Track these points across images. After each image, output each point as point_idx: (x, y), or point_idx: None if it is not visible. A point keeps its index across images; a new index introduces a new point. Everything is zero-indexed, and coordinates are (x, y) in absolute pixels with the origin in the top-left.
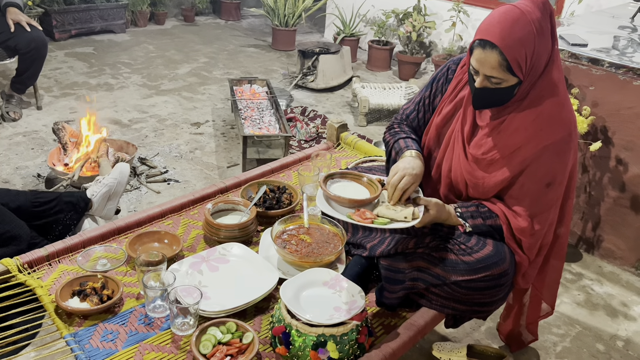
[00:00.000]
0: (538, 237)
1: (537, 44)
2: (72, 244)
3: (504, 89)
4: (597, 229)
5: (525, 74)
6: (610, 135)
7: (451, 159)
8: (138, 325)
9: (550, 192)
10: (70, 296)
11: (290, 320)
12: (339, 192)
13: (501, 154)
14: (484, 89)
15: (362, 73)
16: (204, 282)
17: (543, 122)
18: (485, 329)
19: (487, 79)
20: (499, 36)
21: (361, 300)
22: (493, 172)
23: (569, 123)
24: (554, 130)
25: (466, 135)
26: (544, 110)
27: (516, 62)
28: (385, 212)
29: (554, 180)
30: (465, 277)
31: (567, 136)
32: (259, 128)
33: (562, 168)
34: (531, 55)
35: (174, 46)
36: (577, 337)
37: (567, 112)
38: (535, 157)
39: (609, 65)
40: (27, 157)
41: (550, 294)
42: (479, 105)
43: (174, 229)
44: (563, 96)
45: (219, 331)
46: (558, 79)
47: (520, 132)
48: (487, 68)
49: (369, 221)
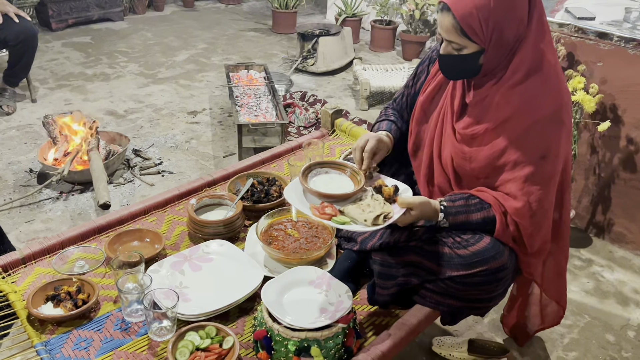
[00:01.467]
0: (539, 220)
1: (496, 10)
2: (50, 245)
3: (466, 56)
4: (608, 212)
5: (485, 41)
6: (620, 113)
7: (441, 139)
8: (114, 331)
9: (546, 165)
10: (44, 301)
11: (271, 324)
12: (323, 184)
13: (487, 127)
14: (447, 55)
15: (365, 54)
16: (186, 282)
17: (529, 97)
18: (489, 321)
19: (449, 44)
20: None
21: (348, 300)
22: (480, 147)
23: (559, 98)
24: (543, 104)
25: (455, 113)
26: (529, 86)
27: (469, 27)
28: (351, 211)
29: (549, 152)
30: (461, 272)
31: (558, 111)
32: (255, 115)
33: (555, 140)
34: (487, 21)
35: (172, 33)
36: (585, 327)
37: (555, 88)
38: (525, 132)
39: (618, 39)
40: (20, 152)
41: (555, 288)
42: (448, 74)
43: (158, 226)
44: (549, 71)
45: (197, 336)
46: (543, 52)
47: (505, 107)
48: (444, 32)
49: (327, 217)
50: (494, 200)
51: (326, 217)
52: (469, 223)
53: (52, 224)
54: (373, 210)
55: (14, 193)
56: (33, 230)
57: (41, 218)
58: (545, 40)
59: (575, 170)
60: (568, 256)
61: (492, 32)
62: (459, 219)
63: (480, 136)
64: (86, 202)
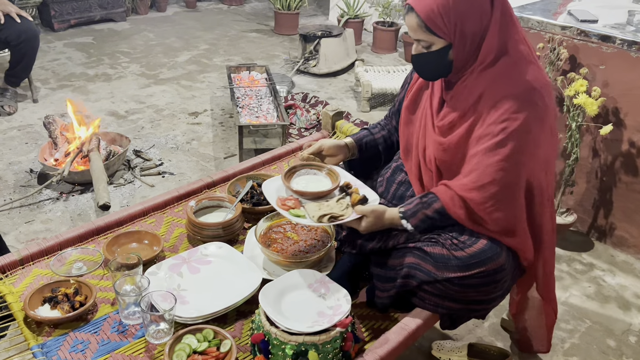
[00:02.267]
0: (496, 194)
1: (456, 5)
2: (48, 246)
3: (436, 52)
4: (609, 216)
5: (451, 35)
6: (622, 117)
7: (425, 138)
8: (111, 334)
9: (508, 139)
10: (40, 303)
11: (269, 327)
12: (303, 182)
13: (460, 113)
14: (419, 54)
15: (367, 56)
16: (184, 285)
17: (497, 77)
18: (489, 325)
19: (418, 43)
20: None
21: (346, 304)
22: (453, 133)
23: (531, 82)
24: (510, 83)
25: (434, 109)
26: (496, 68)
27: (432, 23)
28: (309, 207)
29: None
30: (458, 273)
31: (527, 91)
32: (256, 117)
33: (521, 116)
34: (449, 16)
35: (174, 33)
36: (586, 332)
37: (525, 72)
38: (490, 108)
39: (621, 42)
40: (21, 152)
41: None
42: (423, 74)
43: (156, 227)
44: (518, 57)
45: (195, 339)
46: (509, 41)
47: (475, 90)
48: (412, 31)
49: (286, 208)
50: (443, 187)
51: (285, 208)
52: (429, 219)
53: (51, 225)
54: (330, 210)
55: (14, 193)
56: (33, 231)
57: (41, 219)
58: (510, 29)
59: (577, 174)
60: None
61: (454, 25)
62: (418, 218)
63: (455, 124)
64: (86, 203)
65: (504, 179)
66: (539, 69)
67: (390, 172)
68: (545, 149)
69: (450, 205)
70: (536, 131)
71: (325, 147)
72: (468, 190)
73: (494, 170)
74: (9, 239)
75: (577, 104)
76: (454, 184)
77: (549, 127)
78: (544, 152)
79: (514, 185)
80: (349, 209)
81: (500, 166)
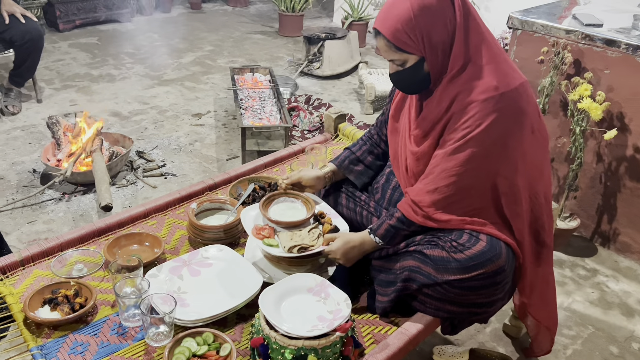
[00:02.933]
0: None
1: (418, 18)
2: (48, 247)
3: (411, 68)
4: (613, 222)
5: (421, 49)
6: (627, 121)
7: (405, 147)
8: (110, 336)
9: (465, 146)
10: (40, 305)
11: (268, 331)
12: (279, 211)
13: (430, 123)
14: (395, 73)
15: (371, 58)
16: (184, 288)
17: (463, 86)
18: (490, 331)
19: (392, 63)
20: (380, 21)
21: (346, 309)
22: (425, 142)
23: (497, 88)
24: (474, 91)
25: (412, 118)
26: (463, 76)
27: (400, 41)
28: (282, 237)
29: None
30: (458, 276)
31: (491, 99)
32: (259, 119)
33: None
34: (414, 31)
35: (179, 34)
36: (589, 338)
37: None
38: (455, 115)
39: (626, 47)
40: (24, 152)
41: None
42: (405, 90)
43: (158, 229)
44: (486, 60)
45: (194, 342)
46: (474, 45)
47: (444, 100)
48: (384, 53)
49: (260, 237)
50: (404, 198)
51: (259, 237)
52: (393, 228)
53: (53, 225)
54: (301, 241)
55: (17, 193)
56: (35, 231)
57: (43, 219)
58: (475, 32)
59: (581, 179)
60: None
61: (421, 39)
62: (383, 229)
63: (427, 133)
64: (88, 204)
65: (457, 184)
66: (511, 69)
67: (385, 178)
68: (525, 149)
69: (407, 211)
70: (507, 135)
71: (304, 180)
72: (421, 194)
73: (447, 175)
74: (11, 239)
75: (581, 108)
76: (411, 190)
77: (529, 127)
78: (526, 152)
79: (468, 189)
80: (320, 239)
81: (455, 171)
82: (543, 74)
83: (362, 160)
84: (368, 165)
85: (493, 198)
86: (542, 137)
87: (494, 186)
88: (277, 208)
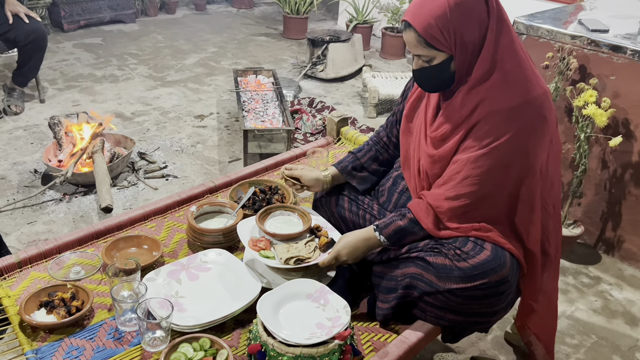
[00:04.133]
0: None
1: (453, 15)
2: (46, 249)
3: (438, 66)
4: (618, 229)
5: (452, 47)
6: (632, 128)
7: (419, 148)
8: (106, 341)
9: (490, 154)
10: (37, 308)
11: (266, 338)
12: (276, 224)
13: (450, 126)
14: (420, 69)
15: (375, 62)
16: (182, 292)
17: (488, 93)
18: (492, 338)
19: (419, 58)
20: (412, 14)
21: (346, 316)
22: (444, 146)
23: (522, 95)
24: (499, 99)
25: (428, 119)
26: (488, 83)
27: (432, 37)
28: (278, 249)
29: (495, 141)
30: (460, 284)
31: (517, 107)
32: (262, 121)
33: (509, 133)
34: (447, 28)
35: (183, 36)
36: (592, 348)
37: (517, 84)
38: (481, 120)
39: (632, 53)
40: (26, 152)
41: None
42: (426, 87)
43: (157, 232)
44: (513, 66)
45: (191, 348)
46: (504, 50)
47: (467, 105)
48: (412, 47)
49: (257, 249)
50: (417, 200)
51: (256, 249)
52: (402, 229)
53: (54, 226)
54: (297, 253)
55: (18, 194)
56: (35, 232)
57: (43, 220)
58: (505, 38)
59: (585, 185)
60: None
61: (454, 37)
62: (391, 229)
63: (447, 136)
64: (89, 205)
65: (477, 193)
66: (535, 77)
67: (391, 181)
68: (543, 159)
69: (419, 213)
70: (530, 144)
71: (304, 178)
72: (440, 199)
73: (469, 183)
74: (11, 239)
75: (586, 114)
76: (428, 194)
77: (549, 137)
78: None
79: (486, 198)
80: (316, 251)
81: (477, 180)
82: (548, 80)
83: (366, 167)
84: (372, 172)
85: (508, 207)
86: (557, 147)
87: (511, 195)
88: (274, 221)
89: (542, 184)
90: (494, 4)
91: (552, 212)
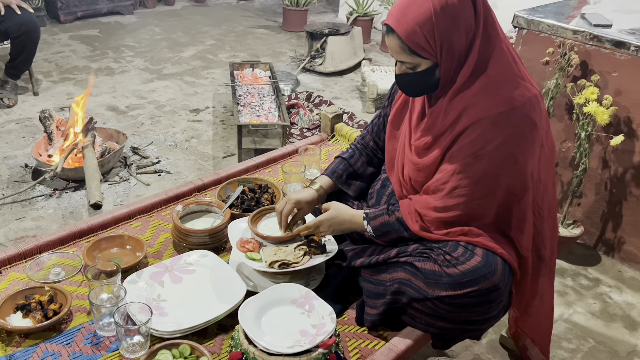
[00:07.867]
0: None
1: (439, 21)
2: (26, 249)
3: (422, 72)
4: (618, 230)
5: (437, 55)
6: (634, 127)
7: (403, 155)
8: (83, 346)
9: (477, 164)
10: (13, 311)
11: (247, 346)
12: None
13: (435, 134)
14: (403, 75)
15: (376, 55)
16: (164, 295)
17: (472, 99)
18: (487, 342)
19: (402, 64)
20: (395, 18)
21: (331, 323)
22: (428, 154)
23: (507, 102)
24: (484, 106)
25: (413, 126)
26: (473, 89)
27: (415, 44)
28: (266, 251)
29: (482, 151)
30: (449, 292)
31: (503, 113)
32: (257, 116)
33: (496, 141)
34: (433, 35)
35: (181, 28)
36: (589, 352)
37: (504, 90)
38: (467, 128)
39: (636, 49)
40: (17, 146)
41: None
42: (409, 92)
43: (142, 232)
44: (500, 72)
45: (170, 355)
46: (490, 54)
47: (451, 112)
48: (395, 53)
49: (244, 250)
50: (407, 201)
51: (243, 251)
52: (388, 224)
53: (42, 222)
54: (284, 257)
55: (7, 189)
56: (23, 228)
57: (32, 216)
58: (494, 43)
59: (586, 185)
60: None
61: (440, 45)
62: (378, 222)
63: (431, 145)
64: (79, 201)
65: (466, 204)
66: (524, 81)
67: (380, 184)
68: (534, 165)
69: (408, 218)
70: (519, 152)
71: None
72: (427, 209)
73: (457, 194)
74: None
75: (587, 112)
76: (418, 199)
77: (539, 142)
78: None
79: (475, 208)
80: (305, 257)
81: (464, 191)
82: (548, 76)
83: (360, 174)
84: (368, 178)
85: (497, 214)
86: (550, 150)
87: (501, 203)
88: (268, 222)
89: (535, 190)
90: (482, 8)
91: (547, 216)
